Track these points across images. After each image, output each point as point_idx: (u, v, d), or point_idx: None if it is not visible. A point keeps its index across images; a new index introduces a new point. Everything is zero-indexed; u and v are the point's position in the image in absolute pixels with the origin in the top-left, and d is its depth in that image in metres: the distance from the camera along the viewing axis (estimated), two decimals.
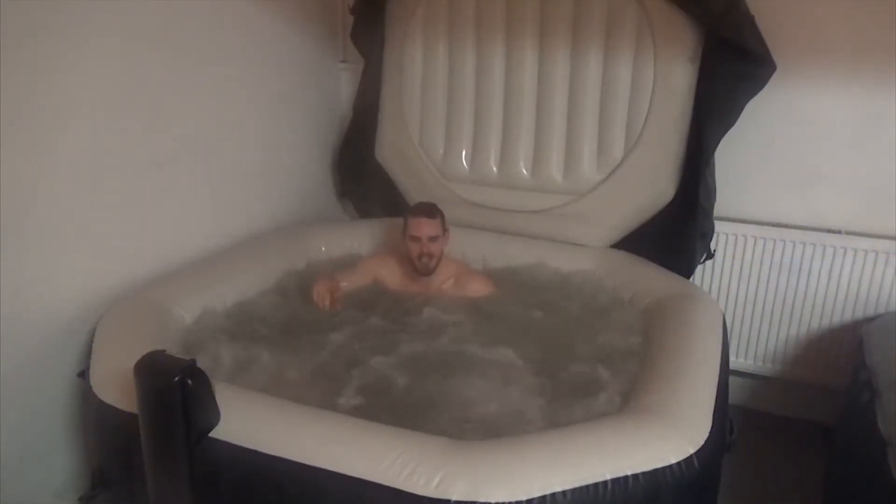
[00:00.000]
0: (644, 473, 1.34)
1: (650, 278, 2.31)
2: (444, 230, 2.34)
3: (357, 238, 2.70)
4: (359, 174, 2.94)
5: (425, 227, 2.27)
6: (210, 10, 2.27)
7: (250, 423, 1.45)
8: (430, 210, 2.33)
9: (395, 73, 2.77)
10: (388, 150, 2.86)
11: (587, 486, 1.30)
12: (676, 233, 2.42)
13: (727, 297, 2.61)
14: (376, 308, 2.23)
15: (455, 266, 2.42)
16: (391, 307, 2.25)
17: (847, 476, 1.97)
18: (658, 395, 1.58)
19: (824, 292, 2.48)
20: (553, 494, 1.27)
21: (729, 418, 1.69)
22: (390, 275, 2.40)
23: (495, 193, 2.68)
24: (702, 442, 1.44)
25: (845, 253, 2.42)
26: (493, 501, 1.24)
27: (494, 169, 2.67)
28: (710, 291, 2.59)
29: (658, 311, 2.10)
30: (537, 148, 2.60)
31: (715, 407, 1.58)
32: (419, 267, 2.29)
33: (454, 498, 1.25)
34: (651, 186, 2.45)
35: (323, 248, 2.64)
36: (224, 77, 2.37)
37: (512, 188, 2.65)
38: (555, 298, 2.34)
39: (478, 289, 2.34)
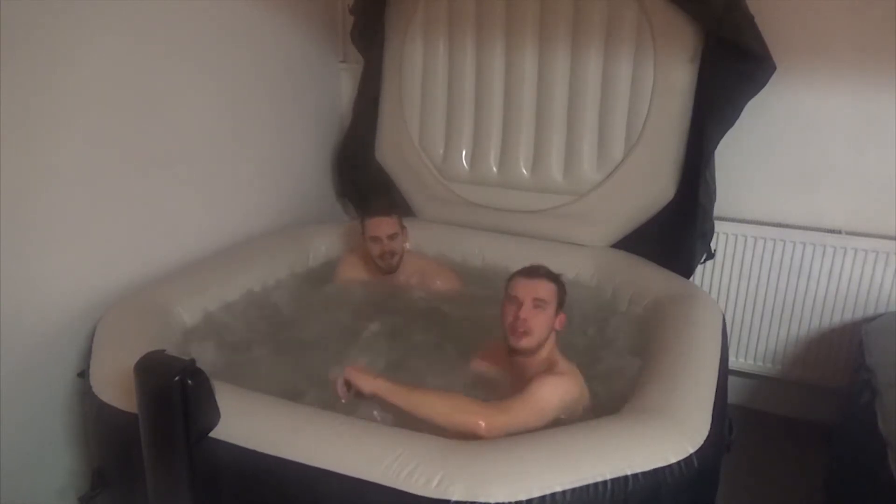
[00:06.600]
0: (644, 473, 1.34)
1: (650, 278, 2.30)
2: (403, 227, 2.37)
3: (357, 238, 2.70)
4: (359, 174, 2.94)
5: (384, 226, 2.30)
6: (210, 10, 2.27)
7: (250, 423, 1.45)
8: (386, 209, 2.37)
9: (395, 74, 2.77)
10: (388, 150, 2.86)
11: (587, 486, 1.30)
12: (676, 233, 2.42)
13: (727, 297, 2.61)
14: (358, 308, 2.24)
15: (420, 261, 2.45)
16: (366, 306, 2.26)
17: (847, 476, 1.98)
18: (658, 395, 1.58)
19: (824, 292, 2.48)
20: (553, 494, 1.27)
21: (728, 418, 1.69)
22: (357, 276, 2.42)
23: (495, 193, 2.68)
24: (701, 442, 1.44)
25: (845, 253, 2.42)
26: (492, 502, 1.24)
27: (494, 169, 2.67)
28: (710, 291, 2.59)
29: (658, 311, 2.09)
30: (537, 148, 2.60)
31: (714, 407, 1.58)
32: (383, 266, 2.32)
33: (454, 498, 1.25)
34: (651, 186, 2.45)
35: (323, 248, 2.65)
36: (224, 77, 2.37)
37: (512, 188, 2.65)
38: None
39: (444, 284, 2.37)
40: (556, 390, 1.56)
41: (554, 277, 1.74)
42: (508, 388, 1.65)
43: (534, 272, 1.72)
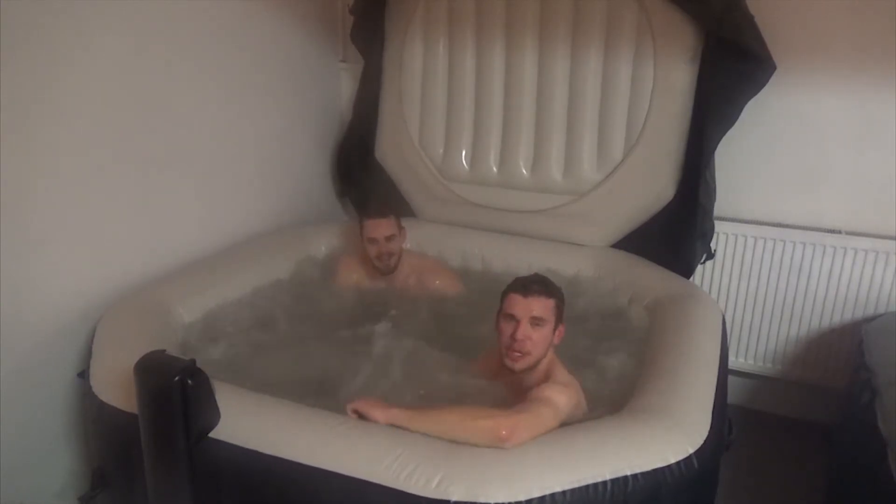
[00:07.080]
0: (643, 473, 1.34)
1: (650, 278, 2.30)
2: (400, 228, 2.37)
3: (357, 238, 2.70)
4: (359, 174, 2.94)
5: (381, 228, 2.31)
6: (210, 10, 2.26)
7: (250, 423, 1.45)
8: (383, 210, 2.37)
9: (395, 73, 2.77)
10: (388, 150, 2.86)
11: (587, 487, 1.30)
12: (676, 233, 2.42)
13: (727, 297, 2.61)
14: (356, 309, 2.26)
15: (419, 261, 2.45)
16: (364, 307, 2.28)
17: (847, 476, 1.98)
18: (657, 395, 1.58)
19: (824, 292, 2.48)
20: (553, 495, 1.27)
21: (728, 418, 1.69)
22: (356, 277, 2.43)
23: (495, 193, 2.67)
24: (701, 442, 1.44)
25: (845, 253, 2.42)
26: (492, 502, 1.24)
27: (494, 169, 2.67)
28: (710, 291, 2.59)
29: (658, 311, 2.09)
30: (537, 148, 2.59)
31: (714, 407, 1.58)
32: (380, 267, 2.33)
33: (454, 498, 1.25)
34: (651, 186, 2.45)
35: (323, 248, 2.65)
36: (224, 77, 2.37)
37: (512, 188, 2.64)
38: None
39: (443, 284, 2.38)
40: (560, 395, 1.53)
41: (552, 291, 1.64)
42: (506, 400, 1.59)
43: (530, 289, 1.61)
